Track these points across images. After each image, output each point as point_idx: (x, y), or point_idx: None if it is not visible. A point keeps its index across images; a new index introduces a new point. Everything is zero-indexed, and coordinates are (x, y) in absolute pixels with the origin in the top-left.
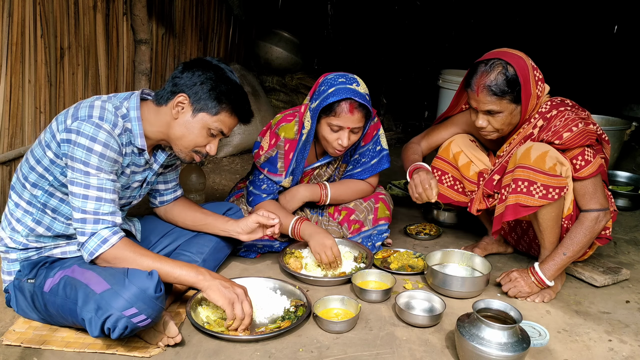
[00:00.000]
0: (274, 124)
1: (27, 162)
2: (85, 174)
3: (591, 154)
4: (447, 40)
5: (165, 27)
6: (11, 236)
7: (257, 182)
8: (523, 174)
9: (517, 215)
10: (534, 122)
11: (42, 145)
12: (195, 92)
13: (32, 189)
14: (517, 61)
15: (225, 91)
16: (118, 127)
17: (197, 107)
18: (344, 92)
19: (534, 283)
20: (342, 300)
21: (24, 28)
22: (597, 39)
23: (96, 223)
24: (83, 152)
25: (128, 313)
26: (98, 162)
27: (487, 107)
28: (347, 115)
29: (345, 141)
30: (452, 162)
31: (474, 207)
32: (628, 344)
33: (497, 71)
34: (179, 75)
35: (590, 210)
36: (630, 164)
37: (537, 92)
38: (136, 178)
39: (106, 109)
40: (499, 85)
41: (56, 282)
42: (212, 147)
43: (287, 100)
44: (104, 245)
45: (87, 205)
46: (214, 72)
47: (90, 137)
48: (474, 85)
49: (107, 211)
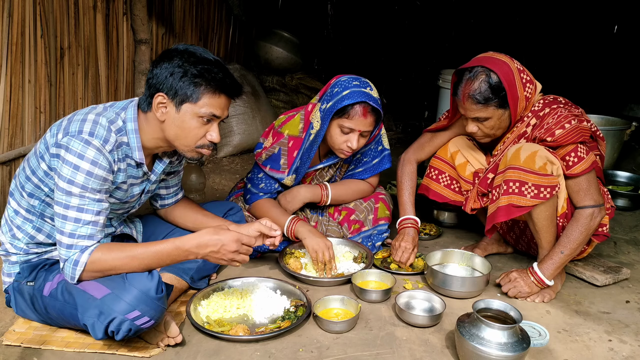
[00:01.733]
0: (277, 125)
1: (23, 171)
2: (67, 194)
3: (584, 151)
4: (447, 40)
5: (165, 27)
6: (11, 242)
7: (256, 181)
8: (514, 175)
9: (510, 216)
10: (527, 121)
11: (37, 156)
12: (169, 86)
13: (29, 199)
14: (501, 67)
15: (198, 73)
16: (109, 143)
17: (178, 101)
18: (359, 96)
19: (534, 283)
20: (342, 300)
21: (24, 28)
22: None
23: (69, 248)
24: (70, 169)
25: (131, 316)
26: (84, 181)
27: (474, 114)
28: (360, 119)
29: (355, 144)
30: (450, 161)
31: (468, 206)
32: (628, 344)
33: (480, 79)
34: (150, 75)
35: (584, 207)
36: (630, 164)
37: (525, 94)
38: (134, 190)
39: (99, 123)
40: (483, 93)
41: (55, 286)
42: (214, 134)
43: (287, 100)
44: (77, 267)
45: (65, 226)
46: (180, 58)
47: (78, 154)
48: (459, 94)
49: (85, 233)
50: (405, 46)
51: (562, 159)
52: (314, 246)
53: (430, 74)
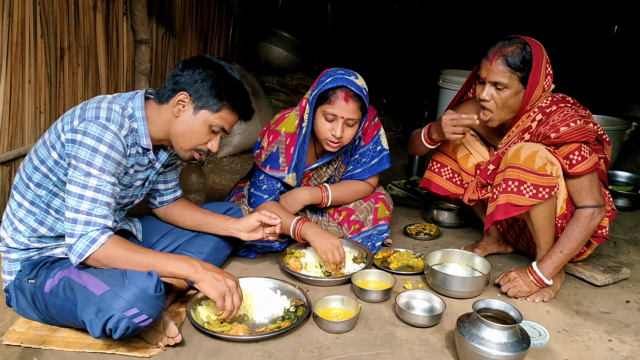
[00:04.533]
0: (273, 123)
1: (30, 162)
2: (86, 174)
3: (587, 151)
4: (447, 40)
5: (165, 27)
6: (13, 236)
7: (258, 183)
8: (513, 174)
9: (507, 215)
10: (533, 116)
11: (47, 146)
12: (196, 89)
13: (36, 189)
14: (536, 46)
15: (226, 88)
16: (124, 129)
17: (199, 105)
18: (341, 81)
19: (533, 282)
20: (342, 300)
21: (24, 28)
22: (597, 39)
23: (87, 224)
24: (88, 152)
25: (129, 314)
26: (102, 163)
27: (497, 77)
28: (341, 103)
29: (339, 131)
30: (452, 154)
31: (466, 196)
32: (628, 344)
33: (516, 46)
34: (179, 73)
35: (585, 206)
36: (630, 164)
37: (544, 84)
38: (138, 177)
39: (113, 109)
40: (515, 58)
41: (56, 283)
42: (214, 144)
43: (287, 100)
44: (93, 245)
45: (81, 205)
46: (215, 70)
47: (97, 137)
48: (490, 53)
49: (100, 214)
50: (405, 46)
51: (565, 157)
52: (322, 247)
53: (430, 74)
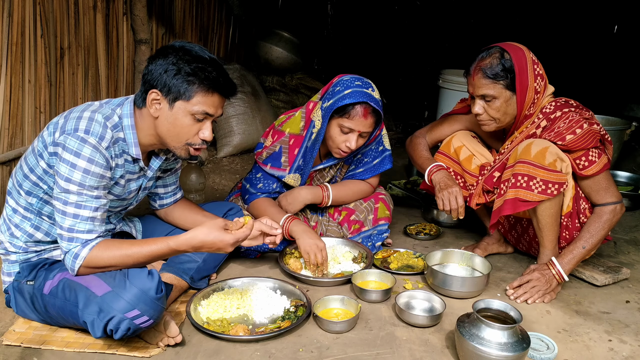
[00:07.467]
0: (278, 124)
1: (21, 169)
2: (65, 191)
3: (596, 154)
4: (447, 40)
5: (165, 27)
6: (10, 241)
7: (254, 181)
8: (523, 169)
9: (515, 210)
10: (538, 122)
11: (35, 154)
12: (163, 82)
13: (26, 197)
14: (515, 51)
15: (191, 71)
16: (105, 140)
17: (171, 98)
18: (360, 96)
19: (555, 276)
20: (342, 300)
21: (24, 28)
22: (597, 39)
23: (70, 241)
24: (67, 167)
25: (130, 315)
26: (81, 179)
27: (482, 90)
28: (360, 119)
29: (354, 144)
30: (454, 156)
31: (473, 201)
32: (628, 344)
33: (493, 56)
34: (145, 72)
35: (606, 203)
36: (630, 164)
37: (535, 86)
38: (131, 186)
39: (95, 120)
40: (493, 68)
41: (55, 284)
42: (206, 132)
43: (287, 100)
44: (77, 260)
45: (64, 222)
46: (174, 56)
47: (74, 152)
48: (471, 69)
49: (83, 229)
50: (405, 46)
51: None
52: (305, 247)
53: (430, 74)
